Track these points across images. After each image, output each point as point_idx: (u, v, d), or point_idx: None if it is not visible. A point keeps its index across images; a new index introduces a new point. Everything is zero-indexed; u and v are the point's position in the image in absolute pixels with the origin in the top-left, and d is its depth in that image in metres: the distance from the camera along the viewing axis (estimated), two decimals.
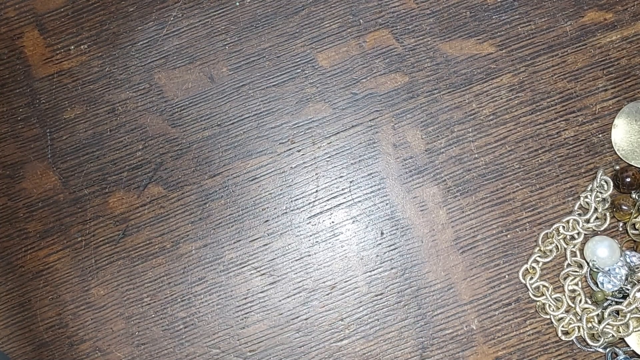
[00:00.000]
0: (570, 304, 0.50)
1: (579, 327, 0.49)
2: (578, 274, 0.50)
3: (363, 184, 0.52)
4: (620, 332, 0.49)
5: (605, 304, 0.50)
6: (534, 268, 0.50)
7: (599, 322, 0.49)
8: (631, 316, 0.49)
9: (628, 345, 0.49)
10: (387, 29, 0.53)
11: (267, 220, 0.52)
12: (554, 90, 0.52)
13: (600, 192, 0.50)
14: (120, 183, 0.53)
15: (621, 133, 0.51)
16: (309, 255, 0.52)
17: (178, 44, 0.53)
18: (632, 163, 0.50)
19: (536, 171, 0.51)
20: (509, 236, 0.51)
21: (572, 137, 0.51)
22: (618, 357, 0.49)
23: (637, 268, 0.49)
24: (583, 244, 0.50)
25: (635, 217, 0.50)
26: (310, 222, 0.52)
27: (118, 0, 0.53)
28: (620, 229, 0.51)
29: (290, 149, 0.52)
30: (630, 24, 0.52)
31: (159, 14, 0.53)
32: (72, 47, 0.53)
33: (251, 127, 0.53)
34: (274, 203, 0.52)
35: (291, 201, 0.52)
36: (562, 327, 0.50)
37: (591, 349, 0.50)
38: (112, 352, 0.52)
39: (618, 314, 0.49)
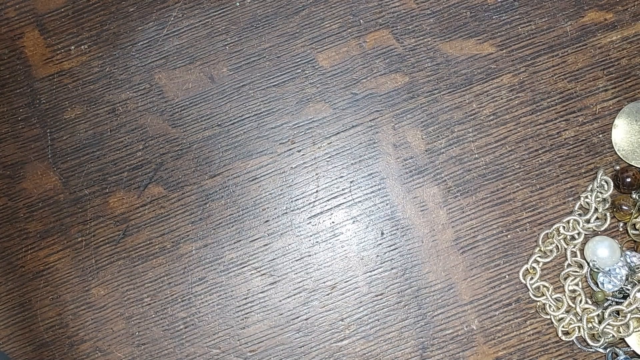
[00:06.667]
0: (571, 304, 0.50)
1: (579, 327, 0.49)
2: (578, 274, 0.50)
3: (363, 184, 0.52)
4: (620, 333, 0.49)
5: (606, 304, 0.50)
6: (534, 268, 0.50)
7: (600, 323, 0.49)
8: (631, 316, 0.49)
9: (628, 346, 0.49)
10: (388, 29, 0.53)
11: (268, 221, 0.52)
12: (554, 91, 0.52)
13: (601, 192, 0.50)
14: (120, 183, 0.53)
15: (621, 133, 0.51)
16: (309, 256, 0.52)
17: (178, 44, 0.53)
18: (632, 163, 0.50)
19: (536, 171, 0.51)
20: (509, 236, 0.51)
21: (572, 137, 0.51)
22: (618, 358, 0.49)
23: (638, 268, 0.49)
24: (583, 244, 0.50)
25: (636, 217, 0.50)
26: (310, 222, 0.52)
27: (118, 1, 0.53)
28: (621, 229, 0.51)
29: (290, 149, 0.52)
30: (631, 24, 0.52)
31: (159, 14, 0.53)
32: (73, 47, 0.53)
33: (251, 127, 0.53)
34: (274, 203, 0.52)
35: (291, 201, 0.52)
36: (563, 327, 0.50)
37: (591, 349, 0.50)
38: (112, 352, 0.52)
39: (618, 314, 0.49)
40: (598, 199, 0.50)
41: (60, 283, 0.52)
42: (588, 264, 0.50)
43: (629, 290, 0.49)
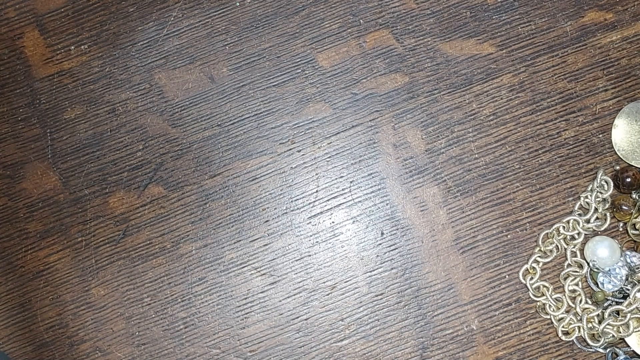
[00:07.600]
0: (571, 304, 0.50)
1: (579, 327, 0.49)
2: (578, 274, 0.50)
3: (363, 184, 0.52)
4: (620, 333, 0.49)
5: (606, 304, 0.50)
6: (534, 268, 0.50)
7: (599, 323, 0.49)
8: (631, 316, 0.49)
9: (628, 346, 0.49)
10: (387, 29, 0.53)
11: (268, 221, 0.52)
12: (554, 91, 0.52)
13: (601, 192, 0.50)
14: (120, 183, 0.53)
15: (621, 133, 0.51)
16: (309, 256, 0.52)
17: (178, 44, 0.53)
18: (632, 163, 0.50)
19: (536, 171, 0.51)
20: (509, 236, 0.51)
21: (572, 137, 0.51)
22: (618, 358, 0.49)
23: (638, 268, 0.49)
24: (583, 244, 0.50)
25: (636, 217, 0.50)
26: (310, 222, 0.52)
27: (118, 1, 0.53)
28: (621, 229, 0.51)
29: (290, 149, 0.52)
30: (631, 24, 0.52)
31: (159, 14, 0.53)
32: (73, 48, 0.53)
33: (251, 127, 0.53)
34: (274, 203, 0.52)
35: (291, 201, 0.52)
36: (563, 327, 0.50)
37: (591, 349, 0.50)
38: (112, 352, 0.52)
39: (618, 314, 0.49)
40: (598, 199, 0.50)
41: (60, 283, 0.52)
42: (588, 264, 0.50)
43: (629, 290, 0.49)
